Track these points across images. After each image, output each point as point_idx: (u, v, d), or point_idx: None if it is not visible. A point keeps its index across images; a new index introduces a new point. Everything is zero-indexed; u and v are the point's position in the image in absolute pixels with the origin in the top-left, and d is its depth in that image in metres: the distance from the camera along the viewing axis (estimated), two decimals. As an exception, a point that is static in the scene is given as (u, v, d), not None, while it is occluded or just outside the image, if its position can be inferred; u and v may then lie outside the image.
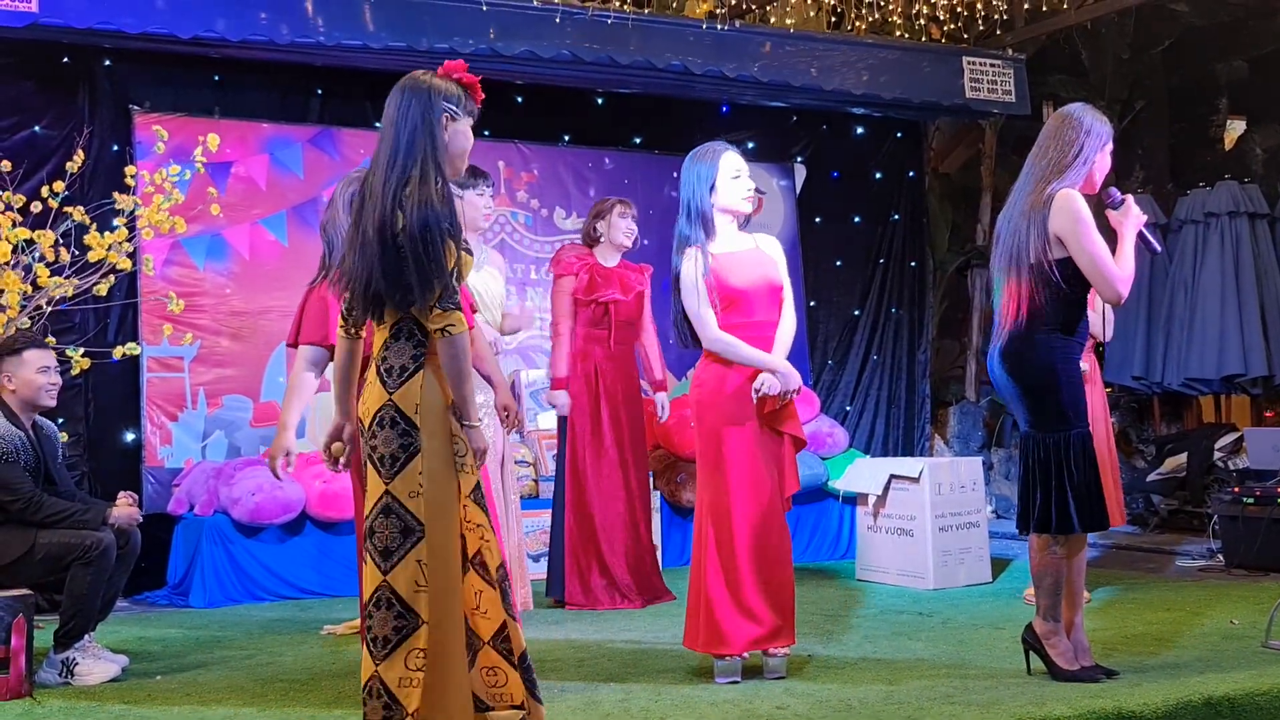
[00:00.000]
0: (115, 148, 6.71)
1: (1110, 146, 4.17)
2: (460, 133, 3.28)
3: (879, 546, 6.54)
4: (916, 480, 6.34)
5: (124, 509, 4.49)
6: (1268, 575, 6.23)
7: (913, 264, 9.21)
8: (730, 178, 4.27)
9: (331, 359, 4.07)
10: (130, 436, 6.80)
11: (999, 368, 4.13)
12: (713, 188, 4.25)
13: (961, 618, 5.39)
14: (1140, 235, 4.16)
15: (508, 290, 6.00)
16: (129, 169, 5.81)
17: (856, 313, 9.02)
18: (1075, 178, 4.06)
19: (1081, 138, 4.08)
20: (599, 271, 5.83)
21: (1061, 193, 4.01)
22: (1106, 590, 6.06)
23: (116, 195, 5.69)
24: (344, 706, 3.95)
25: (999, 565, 6.72)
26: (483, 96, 3.33)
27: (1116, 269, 3.98)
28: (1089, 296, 4.11)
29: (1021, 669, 4.19)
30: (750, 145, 8.58)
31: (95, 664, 4.37)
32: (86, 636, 4.47)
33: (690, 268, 4.23)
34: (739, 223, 4.36)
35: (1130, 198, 4.20)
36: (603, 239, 5.88)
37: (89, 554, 4.29)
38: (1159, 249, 4.21)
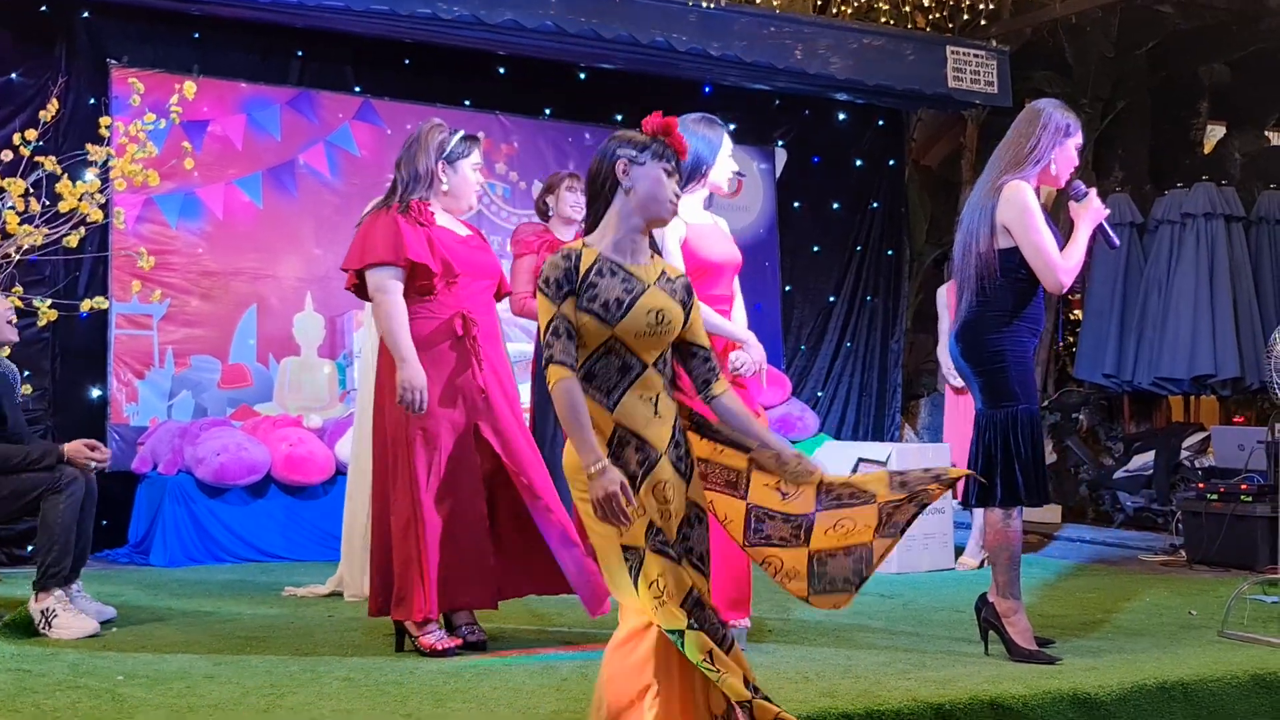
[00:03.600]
0: (91, 101, 6.64)
1: (1076, 140, 4.23)
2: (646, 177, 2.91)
3: (845, 530, 6.53)
4: (884, 464, 6.34)
5: (78, 447, 4.42)
6: (1228, 570, 6.27)
7: (890, 253, 9.22)
8: (726, 154, 4.35)
9: (403, 278, 4.04)
10: (96, 393, 6.75)
11: (955, 349, 4.29)
12: (708, 158, 4.27)
13: (922, 600, 5.41)
14: (1100, 228, 4.23)
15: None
16: (103, 120, 5.75)
17: (832, 299, 9.02)
18: (1030, 171, 4.16)
19: (1039, 132, 4.16)
20: (555, 247, 5.78)
21: (1010, 184, 4.12)
22: (1069, 581, 6.10)
23: (90, 147, 5.63)
24: (300, 662, 3.93)
25: (962, 552, 6.74)
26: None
27: (1059, 259, 4.08)
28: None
29: (979, 649, 4.21)
30: (732, 127, 8.55)
31: (74, 619, 4.29)
32: (75, 586, 4.41)
33: (668, 232, 4.22)
34: (706, 201, 4.43)
35: (1093, 191, 4.24)
36: (552, 213, 5.83)
37: (57, 483, 4.26)
38: (1116, 243, 4.29)
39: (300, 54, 7.39)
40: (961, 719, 3.45)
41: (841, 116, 9.02)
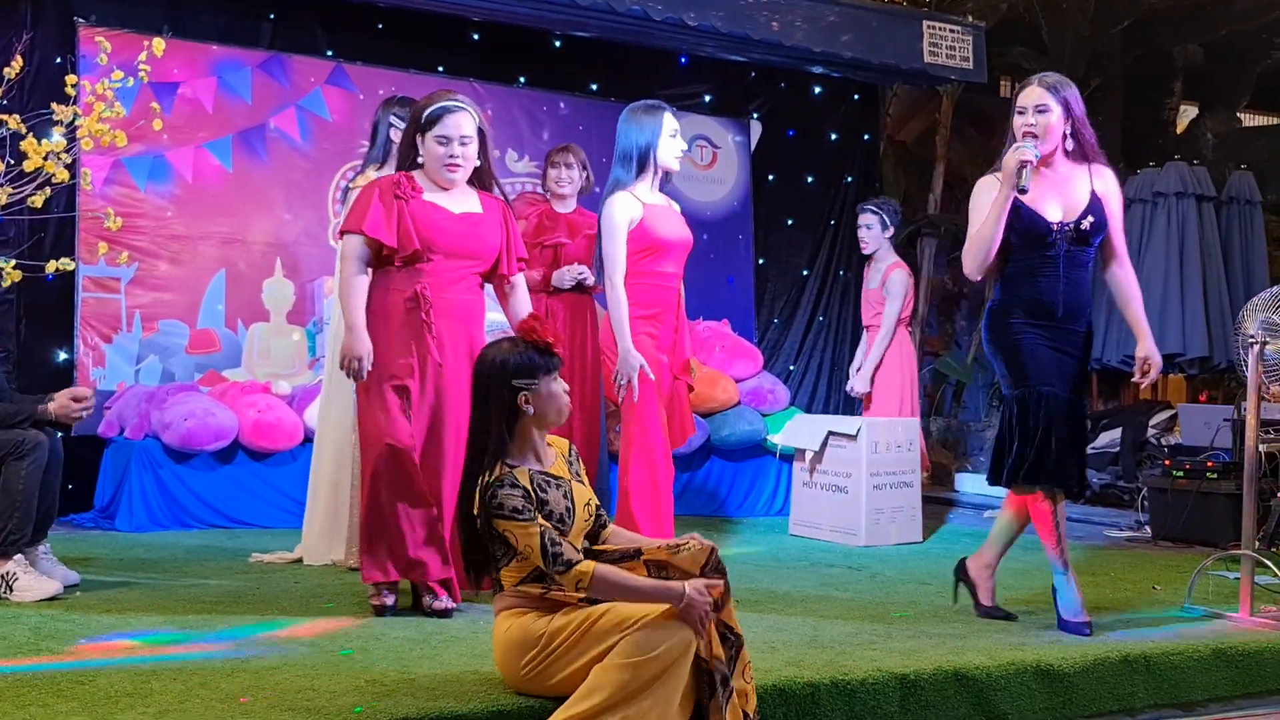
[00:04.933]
0: (57, 60, 6.55)
1: (1019, 107, 4.20)
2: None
3: (813, 502, 6.58)
4: (854, 438, 6.36)
5: (64, 402, 4.38)
6: (1192, 547, 6.33)
7: (864, 228, 9.20)
8: (669, 135, 4.65)
9: (370, 252, 4.10)
10: (63, 356, 6.68)
11: (982, 334, 4.42)
12: (653, 142, 4.61)
13: (890, 572, 5.43)
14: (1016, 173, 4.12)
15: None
16: (70, 78, 5.66)
17: (805, 273, 9.02)
18: (999, 160, 4.19)
19: (1011, 119, 4.22)
20: (548, 215, 5.79)
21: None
22: (1034, 555, 6.13)
23: (55, 106, 5.55)
24: (265, 625, 3.91)
25: (931, 526, 6.78)
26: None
27: (968, 245, 4.20)
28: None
29: (945, 621, 4.23)
30: (707, 99, 8.54)
31: (35, 580, 4.26)
32: (41, 549, 4.37)
33: (619, 211, 4.48)
34: (658, 184, 4.73)
35: (1020, 148, 4.12)
36: (546, 188, 5.90)
37: (20, 448, 4.21)
38: (1025, 190, 4.16)
39: (272, 17, 7.31)
40: (926, 689, 3.47)
41: (817, 90, 9.00)
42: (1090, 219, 4.16)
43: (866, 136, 9.26)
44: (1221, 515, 6.35)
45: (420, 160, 4.25)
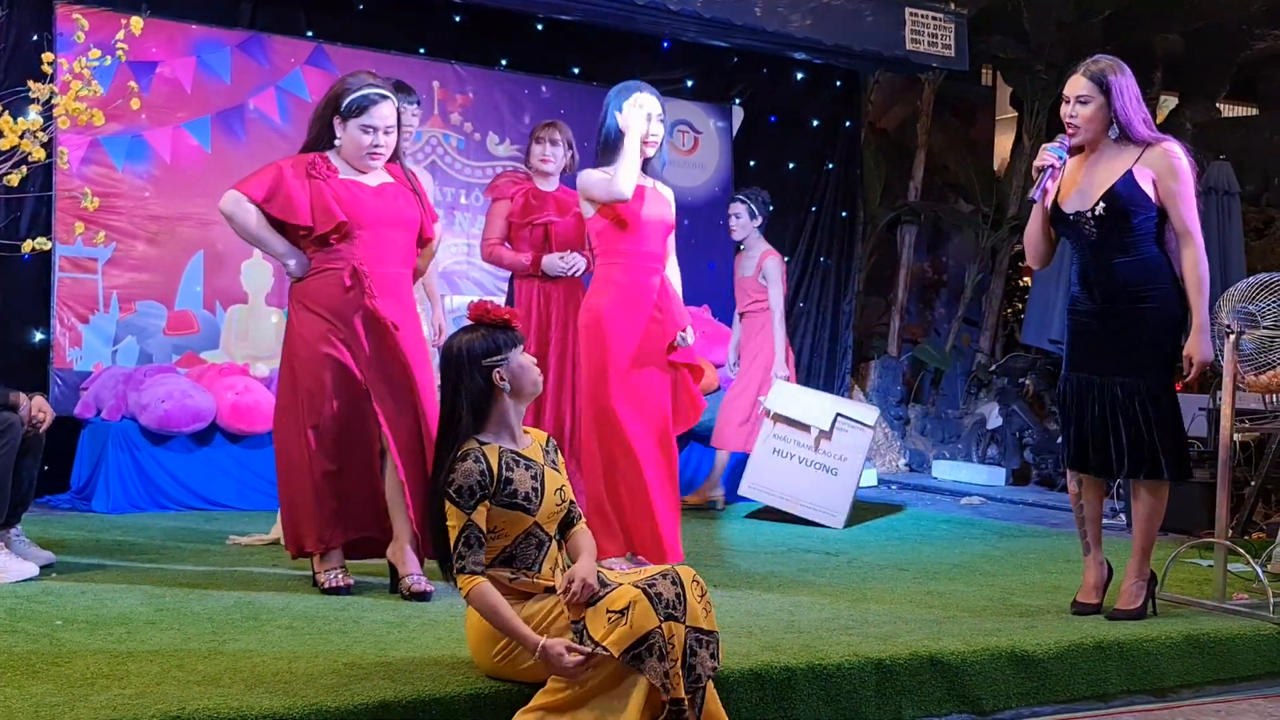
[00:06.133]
0: (34, 37, 6.47)
1: (1064, 96, 4.30)
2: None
3: (783, 473, 6.51)
4: (871, 428, 6.43)
5: (41, 403, 4.39)
6: (1166, 534, 6.36)
7: (844, 214, 9.23)
8: (643, 118, 4.63)
9: (254, 217, 4.17)
10: (39, 336, 6.63)
11: None
12: (627, 125, 4.61)
13: (867, 558, 5.46)
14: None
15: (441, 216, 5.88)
16: (46, 56, 5.61)
17: (786, 259, 9.00)
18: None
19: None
20: (534, 194, 5.74)
21: None
22: (1011, 542, 6.18)
23: (32, 83, 5.50)
24: (243, 609, 3.91)
25: (908, 513, 6.82)
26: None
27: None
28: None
29: (921, 606, 4.26)
30: (689, 84, 8.53)
31: (11, 561, 4.23)
32: (13, 531, 4.35)
33: (594, 173, 4.66)
34: (640, 164, 4.69)
35: (1045, 149, 4.26)
36: (529, 165, 5.85)
37: None
38: (1035, 197, 4.30)
39: (252, -4, 7.26)
40: (902, 674, 3.50)
41: (799, 76, 9.00)
42: (1103, 205, 4.14)
43: (848, 123, 9.27)
44: (1196, 503, 6.40)
45: (337, 143, 4.28)
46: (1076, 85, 4.19)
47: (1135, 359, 4.19)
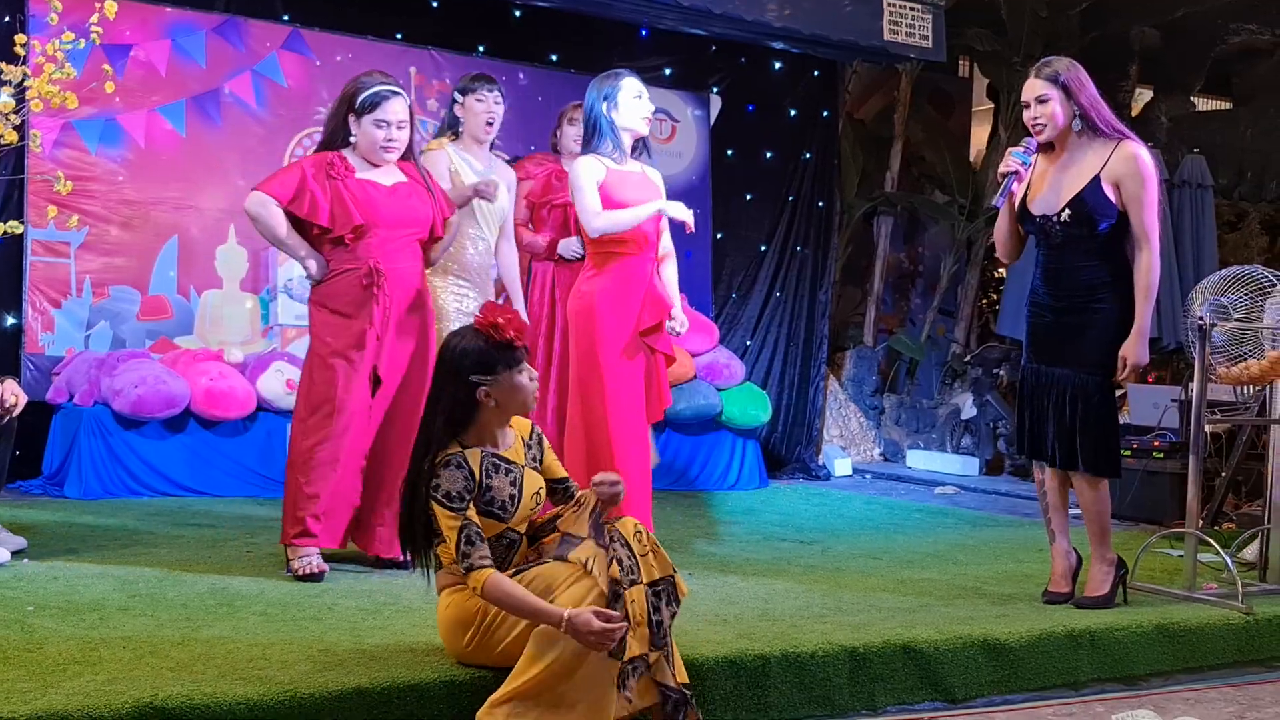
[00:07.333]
0: (6, 19, 6.42)
1: (1023, 101, 4.33)
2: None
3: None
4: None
5: (13, 387, 4.35)
6: (1138, 525, 6.43)
7: (820, 204, 9.23)
8: (632, 98, 4.62)
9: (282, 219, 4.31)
10: (10, 321, 6.57)
11: None
12: (615, 106, 4.60)
13: (841, 547, 5.48)
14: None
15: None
16: (19, 38, 5.56)
17: (763, 248, 9.04)
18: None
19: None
20: (558, 175, 5.67)
21: None
22: (983, 531, 6.22)
23: (4, 66, 5.45)
24: (217, 596, 3.89)
25: (883, 502, 6.85)
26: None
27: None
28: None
29: (894, 595, 4.28)
30: (667, 72, 8.52)
31: None
32: None
33: (584, 170, 4.56)
34: (631, 149, 4.68)
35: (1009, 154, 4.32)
36: (561, 147, 5.81)
37: None
38: (998, 203, 4.42)
39: (227, -21, 7.20)
40: (875, 661, 3.51)
41: (777, 66, 9.00)
42: (1069, 212, 4.21)
43: (825, 113, 9.27)
44: (1167, 494, 6.45)
45: (352, 140, 4.40)
46: (1034, 88, 4.25)
47: (1080, 356, 4.27)
